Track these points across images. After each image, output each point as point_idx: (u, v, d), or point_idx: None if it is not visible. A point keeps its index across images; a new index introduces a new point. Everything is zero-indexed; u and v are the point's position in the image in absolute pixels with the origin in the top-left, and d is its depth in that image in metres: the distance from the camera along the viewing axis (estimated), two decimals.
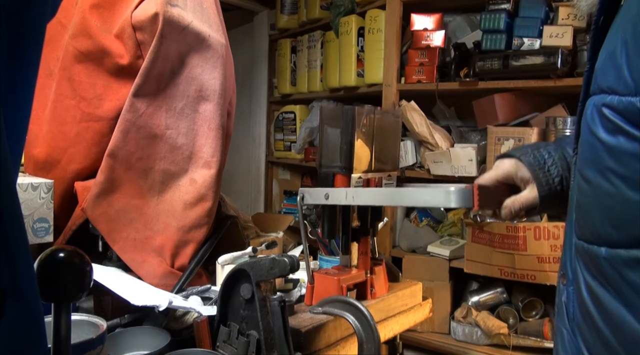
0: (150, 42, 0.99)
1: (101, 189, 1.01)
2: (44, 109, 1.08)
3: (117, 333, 0.83)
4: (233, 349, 0.79)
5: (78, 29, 1.03)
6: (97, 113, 1.03)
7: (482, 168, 2.02)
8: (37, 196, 0.96)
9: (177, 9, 1.01)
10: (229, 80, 1.14)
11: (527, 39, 1.91)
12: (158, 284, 1.00)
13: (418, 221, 2.40)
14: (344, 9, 2.61)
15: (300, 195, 0.97)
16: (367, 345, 0.85)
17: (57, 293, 0.51)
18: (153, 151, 1.04)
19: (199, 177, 1.08)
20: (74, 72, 1.04)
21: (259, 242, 1.23)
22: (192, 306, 0.87)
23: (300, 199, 0.97)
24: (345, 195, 0.91)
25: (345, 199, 0.91)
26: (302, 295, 1.04)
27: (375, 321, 0.86)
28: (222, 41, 1.09)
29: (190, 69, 1.06)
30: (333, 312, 0.90)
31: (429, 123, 2.16)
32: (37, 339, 0.40)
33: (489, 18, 1.98)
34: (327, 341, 0.92)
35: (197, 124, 1.08)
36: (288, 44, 3.16)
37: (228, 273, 0.81)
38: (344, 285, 0.97)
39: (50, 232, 0.98)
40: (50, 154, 1.08)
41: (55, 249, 0.51)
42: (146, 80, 1.01)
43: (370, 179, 1.00)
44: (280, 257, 0.76)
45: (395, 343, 1.18)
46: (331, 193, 0.94)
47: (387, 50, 2.35)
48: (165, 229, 1.05)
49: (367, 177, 1.01)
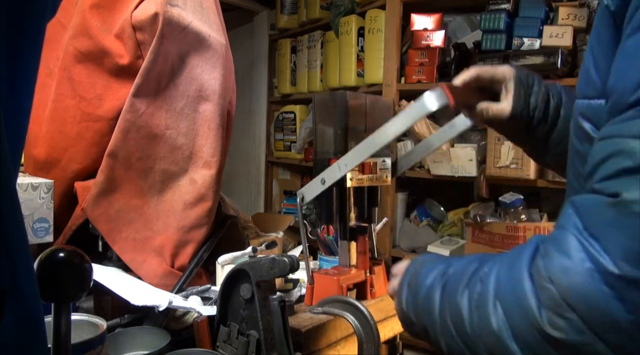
0: (150, 42, 0.99)
1: (101, 189, 1.01)
2: (44, 109, 1.08)
3: (117, 333, 0.83)
4: (233, 349, 0.79)
5: (78, 29, 1.03)
6: (97, 113, 1.03)
7: (482, 168, 2.02)
8: (37, 196, 0.96)
9: (177, 9, 1.01)
10: (229, 80, 1.14)
11: (527, 39, 1.91)
12: (158, 284, 1.00)
13: (418, 221, 2.40)
14: (344, 9, 2.61)
15: (300, 196, 0.97)
16: (367, 345, 0.85)
17: (57, 293, 0.51)
18: (153, 151, 1.04)
19: (199, 177, 1.08)
20: (74, 72, 1.04)
21: (259, 242, 1.23)
22: (192, 306, 0.87)
23: (300, 199, 0.97)
24: (338, 169, 0.92)
25: (339, 171, 0.92)
26: (302, 295, 1.04)
27: (375, 321, 0.86)
28: (222, 41, 1.09)
29: (190, 69, 1.06)
30: (333, 312, 0.90)
31: (429, 123, 2.16)
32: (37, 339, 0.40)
33: (489, 18, 1.98)
34: (327, 341, 0.92)
35: (197, 124, 1.08)
36: (288, 44, 3.16)
37: (228, 273, 0.81)
38: (344, 285, 0.97)
39: (50, 232, 0.98)
40: (50, 154, 1.08)
41: (55, 249, 0.51)
42: (146, 80, 1.01)
43: (365, 163, 1.01)
44: (280, 257, 0.76)
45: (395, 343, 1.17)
46: (326, 175, 0.94)
47: (387, 50, 2.35)
48: (165, 229, 1.05)
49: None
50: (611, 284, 0.41)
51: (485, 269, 0.54)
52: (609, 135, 0.46)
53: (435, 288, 0.60)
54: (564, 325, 0.43)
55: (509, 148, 1.89)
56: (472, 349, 0.53)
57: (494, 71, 0.81)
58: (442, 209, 2.40)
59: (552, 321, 0.44)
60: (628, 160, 0.43)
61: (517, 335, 0.47)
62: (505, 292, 0.49)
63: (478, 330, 0.52)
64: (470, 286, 0.54)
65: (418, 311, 0.63)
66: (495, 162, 1.95)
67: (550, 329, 0.44)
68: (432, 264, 0.64)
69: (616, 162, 0.44)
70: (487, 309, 0.50)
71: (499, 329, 0.49)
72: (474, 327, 0.52)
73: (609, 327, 0.42)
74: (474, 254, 0.62)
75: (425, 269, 0.64)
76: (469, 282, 0.54)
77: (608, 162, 0.45)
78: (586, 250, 0.43)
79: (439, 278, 0.60)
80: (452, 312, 0.55)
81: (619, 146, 0.44)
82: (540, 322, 0.45)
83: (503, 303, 0.49)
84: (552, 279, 0.45)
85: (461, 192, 2.19)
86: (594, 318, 0.42)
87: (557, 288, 0.44)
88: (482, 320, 0.51)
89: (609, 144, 0.45)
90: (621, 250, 0.41)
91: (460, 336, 0.54)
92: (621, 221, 0.42)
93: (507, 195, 2.01)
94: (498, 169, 1.94)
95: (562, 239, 0.46)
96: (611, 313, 0.41)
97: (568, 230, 0.45)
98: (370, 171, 1.02)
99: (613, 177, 0.44)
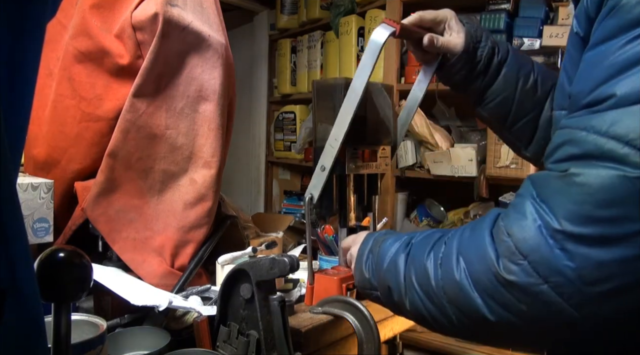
0: (150, 42, 0.99)
1: (101, 189, 1.01)
2: (44, 109, 1.08)
3: (117, 333, 0.83)
4: (233, 349, 0.79)
5: (78, 29, 1.03)
6: (97, 113, 1.03)
7: (482, 168, 2.02)
8: (37, 196, 0.96)
9: (177, 9, 1.01)
10: (229, 80, 1.14)
11: (527, 39, 1.91)
12: (158, 284, 1.00)
13: (418, 221, 2.40)
14: (344, 9, 2.61)
15: (309, 195, 0.95)
16: (367, 345, 0.85)
17: (57, 293, 0.51)
18: (153, 151, 1.04)
19: (199, 177, 1.08)
20: (74, 72, 1.04)
21: (259, 242, 1.23)
22: (192, 306, 0.87)
23: (308, 199, 0.95)
24: (330, 147, 0.92)
25: (332, 148, 0.92)
26: (302, 295, 1.04)
27: (375, 321, 0.86)
28: (222, 41, 1.09)
29: (190, 69, 1.06)
30: (333, 312, 0.90)
31: (429, 123, 2.16)
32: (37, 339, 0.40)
33: (489, 18, 1.98)
34: (327, 341, 0.92)
35: (197, 124, 1.08)
36: (288, 44, 3.16)
37: (228, 273, 0.81)
38: (344, 285, 0.97)
39: (50, 232, 0.98)
40: (50, 154, 1.08)
41: (55, 249, 0.51)
42: (146, 80, 1.01)
43: (365, 150, 1.01)
44: (280, 257, 0.76)
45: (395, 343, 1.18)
46: (323, 160, 0.93)
47: (387, 50, 2.35)
48: (165, 229, 1.05)
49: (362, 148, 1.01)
50: (555, 238, 0.52)
51: (449, 235, 0.66)
52: (564, 126, 0.56)
53: (399, 254, 0.71)
54: (517, 270, 0.54)
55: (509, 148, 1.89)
56: (435, 301, 0.63)
57: (435, 12, 0.93)
58: (442, 209, 2.40)
59: (506, 267, 0.55)
60: (575, 147, 0.53)
61: (476, 282, 0.58)
62: (467, 248, 0.61)
63: (442, 282, 0.62)
64: (435, 249, 0.65)
65: (381, 276, 0.74)
66: (495, 162, 1.95)
67: (506, 274, 0.55)
68: (395, 236, 0.76)
69: (567, 149, 0.55)
70: (450, 263, 0.61)
71: (461, 279, 0.59)
72: (438, 281, 0.63)
73: (553, 271, 0.52)
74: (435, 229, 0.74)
75: (389, 239, 0.76)
76: (434, 246, 0.66)
77: (561, 149, 0.55)
78: (538, 212, 0.54)
79: (403, 246, 0.72)
80: (417, 272, 0.67)
81: (570, 136, 0.55)
82: (498, 268, 0.56)
83: (465, 257, 0.60)
84: (509, 233, 0.56)
85: (461, 192, 2.19)
86: (540, 264, 0.53)
87: (513, 240, 0.55)
88: (446, 274, 0.62)
89: (564, 134, 0.56)
90: (564, 211, 0.52)
91: (425, 292, 0.65)
92: (566, 189, 0.52)
93: (507, 195, 2.01)
94: (498, 169, 1.94)
95: (519, 204, 0.57)
96: (554, 260, 0.52)
97: (525, 197, 0.56)
98: (370, 158, 1.02)
99: (564, 160, 0.54)
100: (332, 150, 0.92)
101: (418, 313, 0.67)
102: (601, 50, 0.55)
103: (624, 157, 0.49)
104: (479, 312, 0.58)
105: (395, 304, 0.72)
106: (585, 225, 0.50)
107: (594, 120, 0.52)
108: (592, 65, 0.56)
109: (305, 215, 0.98)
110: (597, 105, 0.53)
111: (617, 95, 0.51)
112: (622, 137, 0.49)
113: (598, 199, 0.50)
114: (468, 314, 0.60)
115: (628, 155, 0.49)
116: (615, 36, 0.54)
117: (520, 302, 0.54)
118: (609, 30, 0.55)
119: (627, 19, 0.53)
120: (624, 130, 0.50)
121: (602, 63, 0.54)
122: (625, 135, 0.49)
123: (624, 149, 0.49)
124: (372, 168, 1.04)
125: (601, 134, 0.51)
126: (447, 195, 2.38)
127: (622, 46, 0.53)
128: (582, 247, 0.50)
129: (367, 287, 0.79)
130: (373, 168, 1.04)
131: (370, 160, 1.02)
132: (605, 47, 0.54)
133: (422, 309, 0.66)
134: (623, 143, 0.49)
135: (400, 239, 0.74)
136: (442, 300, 0.62)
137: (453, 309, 0.61)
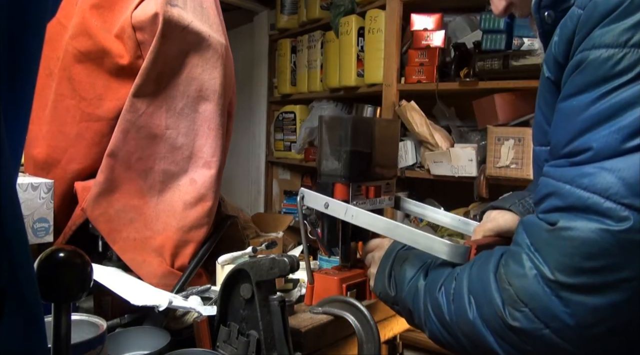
0: (150, 42, 0.99)
1: (101, 189, 1.01)
2: (44, 109, 1.08)
3: (117, 333, 0.83)
4: (233, 349, 0.79)
5: (78, 29, 1.03)
6: (97, 113, 1.03)
7: (482, 168, 2.02)
8: (37, 196, 0.96)
9: (177, 9, 1.01)
10: (229, 80, 1.14)
11: (527, 39, 1.91)
12: (158, 284, 1.00)
13: (418, 221, 2.40)
14: (344, 9, 2.61)
15: (301, 195, 0.97)
16: (367, 345, 0.85)
17: (57, 293, 0.51)
18: (153, 151, 1.04)
19: (199, 177, 1.08)
20: (74, 72, 1.04)
21: (259, 242, 1.23)
22: (192, 306, 0.87)
23: (300, 198, 0.97)
24: (345, 212, 0.91)
25: (344, 215, 0.91)
26: (302, 295, 1.04)
27: (375, 321, 0.86)
28: (222, 41, 1.09)
29: (190, 69, 1.06)
30: (333, 312, 0.90)
31: (429, 123, 2.16)
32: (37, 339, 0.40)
33: (489, 18, 1.98)
34: (327, 341, 0.92)
35: (197, 124, 1.08)
36: (288, 44, 3.16)
37: (228, 273, 0.81)
38: (344, 285, 0.97)
39: (50, 232, 0.98)
40: (50, 154, 1.07)
41: (55, 249, 0.51)
42: (146, 80, 1.01)
43: (369, 187, 1.00)
44: (280, 257, 0.76)
45: (395, 343, 1.18)
46: (331, 204, 0.93)
47: (387, 50, 2.35)
48: (165, 229, 1.05)
49: (366, 185, 1.00)
50: (550, 286, 0.56)
51: (458, 270, 0.69)
52: (548, 175, 0.61)
53: (419, 280, 0.76)
54: (520, 316, 0.58)
55: (509, 148, 1.89)
56: (450, 332, 0.67)
57: (508, 226, 0.89)
58: (442, 209, 2.39)
59: (511, 313, 0.59)
60: (560, 201, 0.57)
61: (487, 323, 0.62)
62: (477, 290, 0.64)
63: (455, 318, 0.66)
64: (445, 284, 0.69)
65: (402, 297, 0.78)
66: (495, 162, 1.95)
67: (510, 320, 0.59)
68: (414, 258, 0.80)
69: (552, 201, 0.59)
70: (463, 302, 0.65)
71: (474, 318, 0.63)
72: (452, 316, 0.66)
73: (552, 317, 0.56)
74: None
75: (408, 263, 0.80)
76: (445, 280, 0.70)
77: (547, 200, 0.60)
78: (532, 261, 0.58)
79: (423, 273, 0.76)
80: (432, 303, 0.71)
81: (554, 188, 0.59)
82: (504, 314, 0.59)
83: (476, 298, 0.64)
84: (510, 282, 0.60)
85: (461, 192, 2.19)
86: (540, 310, 0.57)
87: (514, 289, 0.59)
88: (459, 312, 0.65)
89: (549, 184, 0.60)
90: (556, 263, 0.56)
91: (440, 322, 0.69)
92: (554, 242, 0.57)
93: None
94: (498, 169, 1.94)
95: (517, 254, 0.61)
96: (552, 307, 0.56)
97: (521, 246, 0.61)
98: (375, 195, 1.01)
99: (550, 212, 0.59)
100: (342, 216, 0.92)
101: (435, 338, 0.72)
102: (573, 104, 0.58)
103: (606, 211, 0.53)
104: (492, 348, 0.62)
105: (415, 325, 0.77)
106: (576, 275, 0.54)
107: (574, 173, 0.56)
108: (566, 117, 0.59)
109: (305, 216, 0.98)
110: (575, 157, 0.57)
111: (593, 148, 0.55)
112: (603, 192, 0.53)
113: (584, 251, 0.54)
114: (482, 348, 0.64)
115: (610, 209, 0.53)
116: (585, 90, 0.57)
117: (526, 344, 0.59)
118: (578, 85, 0.58)
119: (596, 75, 0.56)
120: (604, 185, 0.53)
121: (575, 117, 0.58)
122: (605, 191, 0.53)
123: (605, 203, 0.53)
124: (375, 204, 1.03)
125: (583, 188, 0.55)
126: (447, 195, 2.38)
127: (593, 101, 0.56)
128: (576, 295, 0.54)
129: (388, 301, 0.84)
130: (376, 204, 1.03)
131: (375, 197, 1.02)
132: (577, 101, 0.58)
133: (439, 336, 0.70)
134: (604, 198, 0.53)
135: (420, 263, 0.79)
136: (457, 333, 0.66)
137: (467, 342, 0.65)
